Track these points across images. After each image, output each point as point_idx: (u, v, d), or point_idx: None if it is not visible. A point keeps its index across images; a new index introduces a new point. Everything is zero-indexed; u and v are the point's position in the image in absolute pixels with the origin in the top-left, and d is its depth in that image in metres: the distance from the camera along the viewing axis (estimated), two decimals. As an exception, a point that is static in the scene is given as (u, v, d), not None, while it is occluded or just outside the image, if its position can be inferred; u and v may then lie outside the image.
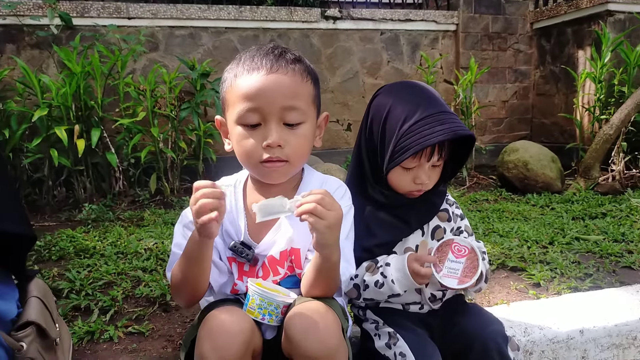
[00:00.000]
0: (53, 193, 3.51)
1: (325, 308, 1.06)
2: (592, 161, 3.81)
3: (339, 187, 1.27)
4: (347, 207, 1.24)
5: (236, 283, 1.22)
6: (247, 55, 1.16)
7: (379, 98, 1.36)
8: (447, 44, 5.07)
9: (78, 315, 1.72)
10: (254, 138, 1.12)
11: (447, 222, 1.43)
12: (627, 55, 3.97)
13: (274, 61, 1.12)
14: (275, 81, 1.10)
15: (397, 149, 1.24)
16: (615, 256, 2.29)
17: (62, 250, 2.42)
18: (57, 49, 3.45)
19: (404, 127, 1.23)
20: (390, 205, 1.36)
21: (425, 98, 1.29)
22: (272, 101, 1.10)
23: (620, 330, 1.65)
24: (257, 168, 1.16)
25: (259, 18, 4.38)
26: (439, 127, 1.21)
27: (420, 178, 1.30)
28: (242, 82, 1.12)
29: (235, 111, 1.13)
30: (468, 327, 1.29)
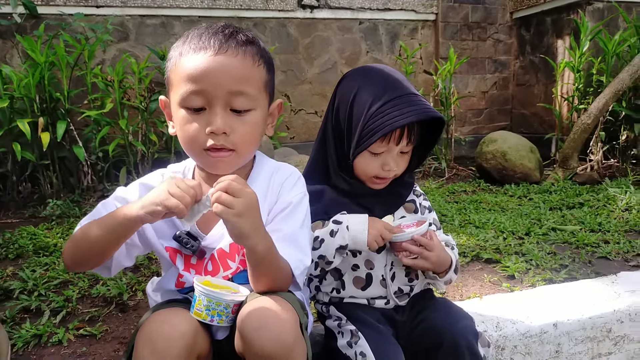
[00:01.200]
0: (18, 189, 3.37)
1: (281, 302, 0.98)
2: (571, 151, 3.78)
3: (291, 174, 1.18)
4: (301, 194, 1.15)
5: (182, 274, 1.13)
6: (195, 33, 1.06)
7: (345, 81, 1.30)
8: (427, 33, 5.01)
9: (27, 317, 1.62)
10: (198, 123, 1.03)
11: (414, 214, 1.36)
12: (606, 44, 3.94)
13: (222, 41, 1.03)
14: (223, 63, 1.01)
15: (365, 132, 1.18)
16: (591, 246, 2.25)
17: (20, 249, 2.30)
18: (21, 39, 3.30)
19: (372, 109, 1.18)
20: (354, 193, 1.29)
21: (393, 80, 1.24)
22: (218, 84, 1.01)
23: (594, 323, 1.60)
24: (201, 156, 1.08)
25: (233, 7, 4.27)
26: (408, 109, 1.16)
27: (389, 164, 1.23)
28: (186, 61, 1.02)
29: (179, 93, 1.03)
30: (437, 322, 1.22)
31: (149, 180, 1.16)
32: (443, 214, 2.82)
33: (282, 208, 1.12)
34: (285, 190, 1.14)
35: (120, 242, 1.03)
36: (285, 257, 1.05)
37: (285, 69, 4.58)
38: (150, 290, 1.21)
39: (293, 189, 1.14)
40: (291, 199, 1.12)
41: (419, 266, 1.23)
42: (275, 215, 1.12)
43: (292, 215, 1.11)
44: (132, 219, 0.96)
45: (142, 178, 1.18)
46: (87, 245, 1.02)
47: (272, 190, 1.14)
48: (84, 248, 1.03)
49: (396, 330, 1.29)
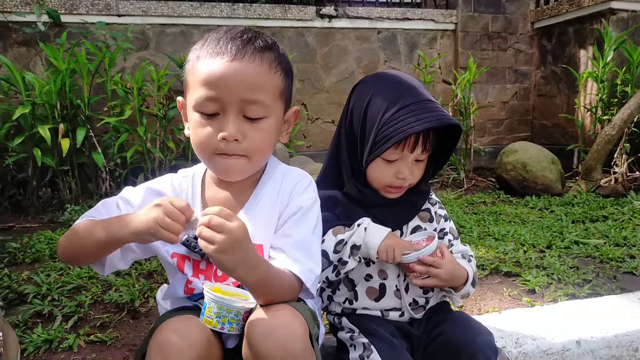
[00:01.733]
0: (38, 194, 3.42)
1: (290, 311, 0.96)
2: (594, 163, 3.68)
3: (302, 178, 1.15)
4: (312, 199, 1.12)
5: (191, 281, 1.10)
6: (213, 36, 1.05)
7: (359, 87, 1.27)
8: (446, 43, 4.96)
9: (39, 322, 1.61)
10: (211, 127, 1.01)
11: (429, 223, 1.32)
12: (630, 54, 3.85)
13: (240, 47, 1.00)
14: (238, 70, 0.99)
15: (379, 139, 1.15)
16: (616, 261, 2.17)
17: (37, 253, 2.32)
18: (44, 46, 3.37)
19: (386, 115, 1.15)
20: (366, 202, 1.25)
21: (408, 86, 1.21)
22: (232, 91, 0.99)
23: (620, 341, 1.53)
24: (212, 161, 1.05)
25: (252, 16, 4.29)
26: (424, 115, 1.13)
27: (403, 172, 1.20)
28: (203, 66, 1.01)
29: (194, 97, 1.02)
30: (454, 337, 1.18)
31: (158, 186, 1.15)
32: (461, 225, 2.76)
33: (293, 212, 1.09)
34: (296, 194, 1.11)
35: (110, 251, 1.03)
36: (296, 265, 1.02)
37: (303, 77, 4.58)
38: (159, 297, 1.19)
39: (304, 194, 1.11)
40: (302, 204, 1.10)
41: (429, 285, 1.20)
42: (286, 220, 1.09)
43: (303, 221, 1.09)
44: (121, 240, 0.97)
45: (151, 182, 1.16)
46: (78, 245, 1.02)
47: (282, 195, 1.12)
48: (76, 246, 1.03)
49: (411, 345, 1.24)
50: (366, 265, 1.25)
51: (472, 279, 1.26)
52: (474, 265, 1.30)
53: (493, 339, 1.20)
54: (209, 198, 1.13)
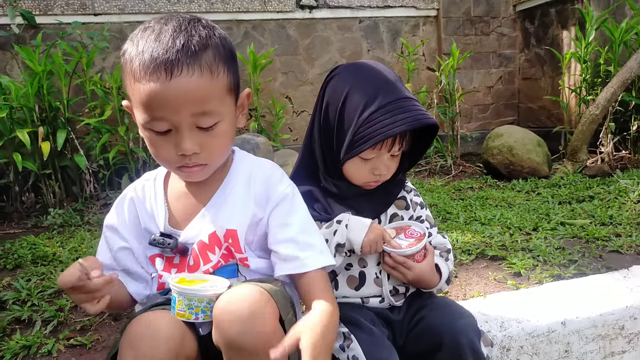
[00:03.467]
0: (21, 199, 3.37)
1: (260, 294, 0.92)
2: (579, 143, 3.69)
3: (274, 168, 1.14)
4: (291, 185, 1.12)
5: (161, 275, 1.09)
6: (144, 45, 0.93)
7: (335, 81, 1.23)
8: (429, 30, 4.94)
9: (18, 328, 1.58)
10: (167, 144, 0.98)
11: (405, 210, 1.31)
12: (612, 32, 3.84)
13: (174, 61, 0.91)
14: (178, 89, 0.92)
15: (356, 139, 1.13)
16: (602, 240, 2.17)
17: (20, 259, 2.28)
18: (19, 49, 3.31)
19: (364, 115, 1.12)
20: (343, 196, 1.24)
21: (385, 82, 1.18)
22: (179, 111, 0.93)
23: (606, 320, 1.52)
24: (176, 172, 1.07)
25: (231, 9, 4.24)
26: (401, 116, 1.11)
27: (379, 169, 1.19)
28: (141, 88, 0.93)
29: (140, 116, 0.97)
30: (436, 321, 1.16)
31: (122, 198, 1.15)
32: (448, 212, 2.75)
33: (279, 200, 1.09)
34: (275, 182, 1.10)
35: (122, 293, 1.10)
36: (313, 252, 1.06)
37: (286, 70, 4.54)
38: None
39: (282, 181, 1.11)
40: (284, 191, 1.10)
41: (395, 276, 1.21)
42: (273, 209, 1.09)
43: (294, 206, 1.10)
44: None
45: (118, 198, 1.16)
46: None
47: (255, 182, 1.10)
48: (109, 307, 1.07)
49: (393, 331, 1.23)
50: (346, 255, 1.23)
51: (445, 279, 1.26)
52: (450, 264, 1.30)
53: (475, 321, 1.18)
54: (171, 193, 1.12)
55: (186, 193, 1.11)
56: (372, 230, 1.16)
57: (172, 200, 1.11)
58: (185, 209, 1.09)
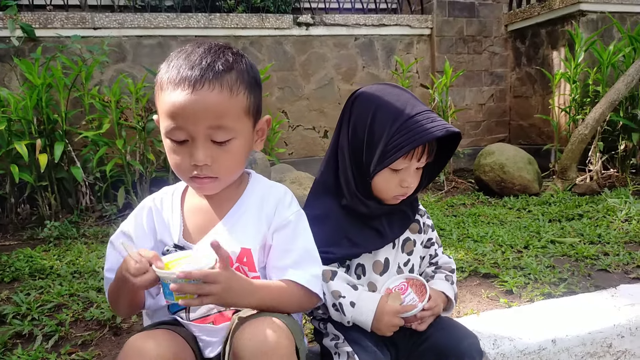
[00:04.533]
0: (16, 211, 3.38)
1: (279, 327, 0.98)
2: (569, 162, 3.77)
3: (285, 192, 1.21)
4: (297, 212, 1.18)
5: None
6: (175, 63, 1.06)
7: (360, 100, 1.28)
8: (422, 48, 5.03)
9: (19, 342, 1.60)
10: (182, 153, 1.06)
11: (418, 234, 1.37)
12: (600, 54, 3.95)
13: (198, 77, 1.01)
14: (199, 101, 1.01)
15: (389, 148, 1.18)
16: (591, 259, 2.23)
17: (16, 272, 2.29)
18: (18, 62, 3.34)
19: (395, 125, 1.18)
20: (368, 215, 1.28)
21: (409, 97, 1.25)
22: (197, 122, 1.02)
23: (594, 338, 1.57)
24: (189, 182, 1.13)
25: (229, 26, 4.30)
26: (431, 124, 1.17)
27: (407, 181, 1.24)
28: (167, 97, 1.04)
29: (163, 125, 1.06)
30: (441, 341, 1.21)
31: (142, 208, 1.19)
32: (442, 228, 2.80)
33: (282, 225, 1.14)
34: (283, 208, 1.16)
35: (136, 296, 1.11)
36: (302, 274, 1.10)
37: (283, 85, 4.60)
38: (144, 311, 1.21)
39: (290, 207, 1.17)
40: (289, 217, 1.15)
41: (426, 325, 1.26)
42: (275, 232, 1.14)
43: (297, 233, 1.15)
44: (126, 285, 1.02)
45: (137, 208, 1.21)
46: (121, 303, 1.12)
47: (268, 205, 1.17)
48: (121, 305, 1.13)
49: (397, 350, 1.27)
50: (357, 278, 1.28)
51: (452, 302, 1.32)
52: (454, 283, 1.36)
53: (478, 341, 1.24)
54: (187, 208, 1.17)
55: (202, 209, 1.16)
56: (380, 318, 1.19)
57: (187, 214, 1.16)
58: (200, 223, 1.14)
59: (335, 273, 1.24)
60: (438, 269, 1.40)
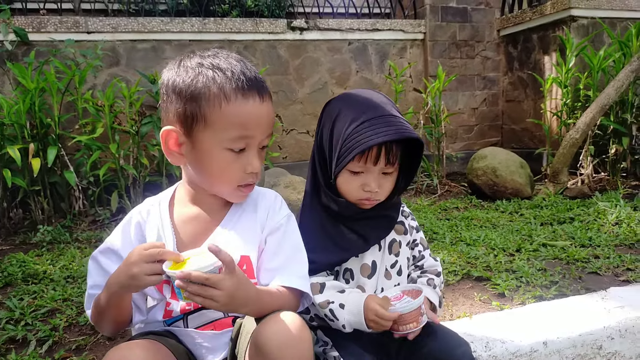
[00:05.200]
0: (8, 215, 3.36)
1: (300, 321, 1.00)
2: (560, 166, 3.81)
3: (275, 197, 1.24)
4: (287, 215, 1.20)
5: (169, 302, 1.12)
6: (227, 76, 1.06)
7: (329, 106, 1.32)
8: (416, 52, 5.07)
9: (13, 347, 1.60)
10: (237, 163, 1.10)
11: (404, 235, 1.38)
12: (591, 59, 4.00)
13: (260, 89, 1.10)
14: (266, 112, 1.10)
15: (343, 151, 1.19)
16: (581, 262, 2.25)
17: (9, 277, 2.29)
18: (11, 66, 3.33)
19: (349, 129, 1.19)
20: (342, 215, 1.29)
21: (374, 103, 1.24)
22: (262, 131, 1.10)
23: (584, 340, 1.59)
24: (234, 190, 1.14)
25: (223, 30, 4.31)
26: (383, 129, 1.17)
27: (369, 185, 1.23)
28: (236, 108, 1.05)
29: (226, 136, 1.06)
30: (435, 349, 1.22)
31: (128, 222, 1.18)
32: (434, 232, 2.82)
33: (274, 228, 1.16)
34: (274, 213, 1.19)
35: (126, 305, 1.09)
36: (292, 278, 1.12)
37: (277, 89, 4.62)
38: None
39: (280, 211, 1.20)
40: (280, 220, 1.18)
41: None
42: (268, 236, 1.16)
43: (286, 237, 1.17)
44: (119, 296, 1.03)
45: (122, 222, 1.18)
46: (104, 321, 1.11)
47: (261, 211, 1.19)
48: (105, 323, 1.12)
49: (388, 355, 1.27)
50: (346, 282, 1.29)
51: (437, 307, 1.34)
52: (439, 289, 1.37)
53: (470, 349, 1.25)
54: (178, 217, 1.17)
55: (194, 217, 1.15)
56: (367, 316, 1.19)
57: (179, 224, 1.15)
58: (194, 233, 1.14)
59: (324, 285, 1.25)
60: (423, 273, 1.41)
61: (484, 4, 5.18)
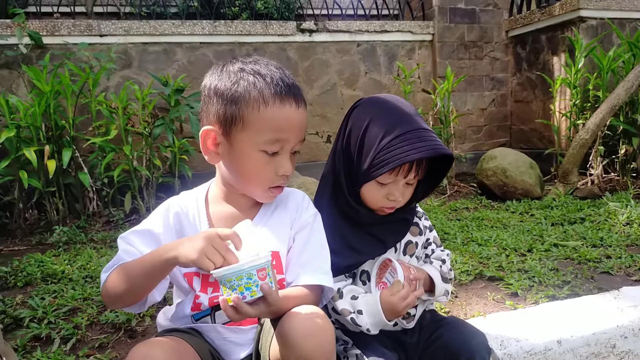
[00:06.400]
0: (24, 216, 3.41)
1: (324, 315, 1.04)
2: (570, 166, 3.82)
3: (303, 197, 1.29)
4: (314, 214, 1.25)
5: (198, 295, 1.15)
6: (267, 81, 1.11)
7: (358, 110, 1.31)
8: (424, 53, 5.09)
9: (38, 345, 1.64)
10: (270, 165, 1.14)
11: (419, 236, 1.41)
12: (600, 60, 4.00)
13: (296, 95, 1.14)
14: (300, 116, 1.15)
15: (375, 163, 1.20)
16: (593, 262, 2.27)
17: (29, 276, 2.33)
18: (26, 69, 3.39)
19: (383, 141, 1.20)
20: (361, 222, 1.31)
21: (405, 114, 1.26)
22: (297, 135, 1.15)
23: (598, 339, 1.61)
24: (264, 192, 1.18)
25: (234, 32, 4.35)
26: (419, 144, 1.18)
27: (394, 195, 1.26)
28: (274, 112, 1.10)
29: (261, 138, 1.11)
30: (452, 341, 1.25)
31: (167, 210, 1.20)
32: (446, 232, 2.84)
33: (302, 227, 1.22)
34: (302, 211, 1.25)
35: (160, 280, 1.07)
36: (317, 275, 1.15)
37: (286, 91, 4.64)
38: (161, 320, 1.22)
39: (308, 210, 1.25)
40: (307, 219, 1.23)
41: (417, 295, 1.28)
42: (296, 233, 1.22)
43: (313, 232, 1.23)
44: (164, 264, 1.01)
45: (158, 209, 1.21)
46: (125, 287, 1.05)
47: (291, 209, 1.24)
48: (121, 289, 1.06)
49: (406, 353, 1.30)
50: (363, 283, 1.32)
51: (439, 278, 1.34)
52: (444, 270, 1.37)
53: (486, 340, 1.27)
54: (214, 214, 1.21)
55: (228, 216, 1.20)
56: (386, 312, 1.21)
57: (215, 221, 1.20)
58: None
59: (342, 292, 1.28)
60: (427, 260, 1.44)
61: (492, 5, 5.19)
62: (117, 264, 1.09)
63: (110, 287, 1.08)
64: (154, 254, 1.04)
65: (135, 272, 1.04)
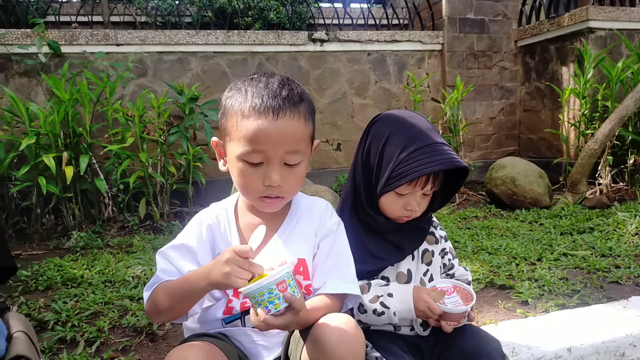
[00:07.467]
0: (41, 221, 3.49)
1: (355, 322, 1.09)
2: (579, 176, 3.85)
3: (327, 205, 1.33)
4: (337, 222, 1.29)
5: (231, 300, 1.21)
6: (253, 90, 1.14)
7: (377, 125, 1.38)
8: (434, 63, 5.14)
9: (64, 347, 1.70)
10: (255, 175, 1.15)
11: (435, 245, 1.46)
12: (609, 71, 4.04)
13: (281, 105, 1.12)
14: (282, 128, 1.11)
15: (394, 175, 1.26)
16: (602, 271, 2.31)
17: (49, 280, 2.40)
18: (46, 77, 3.48)
19: (403, 154, 1.26)
20: (380, 230, 1.37)
21: (423, 129, 1.32)
22: (277, 146, 1.12)
23: (607, 347, 1.65)
24: (256, 201, 1.21)
25: (247, 42, 4.44)
26: (437, 157, 1.25)
27: (411, 205, 1.32)
28: (249, 124, 1.12)
29: (239, 149, 1.14)
30: (468, 347, 1.30)
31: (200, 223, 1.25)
32: (456, 240, 2.88)
33: (326, 234, 1.26)
34: (326, 219, 1.29)
35: (195, 303, 1.14)
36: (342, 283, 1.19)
37: (297, 99, 4.71)
38: (190, 323, 1.28)
39: (332, 218, 1.29)
40: (331, 227, 1.27)
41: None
42: (320, 240, 1.26)
43: (335, 243, 1.26)
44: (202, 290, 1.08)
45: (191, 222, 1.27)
46: (168, 306, 1.13)
47: (314, 217, 1.28)
48: (165, 307, 1.13)
49: (422, 358, 1.35)
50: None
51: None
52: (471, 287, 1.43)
53: (500, 346, 1.31)
54: (243, 225, 1.26)
55: (255, 226, 1.22)
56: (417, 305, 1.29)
57: (244, 230, 1.25)
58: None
59: (370, 285, 1.34)
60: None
61: (501, 15, 5.24)
62: (157, 282, 1.16)
63: (155, 305, 1.15)
64: (191, 281, 1.10)
65: (177, 295, 1.11)
